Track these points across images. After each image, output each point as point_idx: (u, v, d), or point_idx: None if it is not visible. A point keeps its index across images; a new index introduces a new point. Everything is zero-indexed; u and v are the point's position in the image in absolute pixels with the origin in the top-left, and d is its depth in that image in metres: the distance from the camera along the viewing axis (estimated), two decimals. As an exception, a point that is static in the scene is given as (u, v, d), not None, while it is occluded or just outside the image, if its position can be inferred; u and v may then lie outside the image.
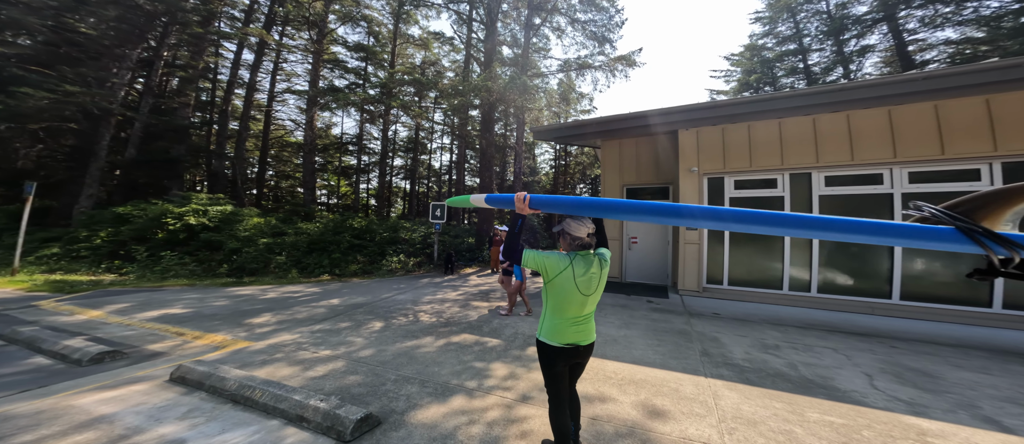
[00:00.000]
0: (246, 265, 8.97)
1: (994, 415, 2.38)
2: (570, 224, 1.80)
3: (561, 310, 1.74)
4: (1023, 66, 4.11)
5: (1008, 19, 13.31)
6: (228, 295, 6.72)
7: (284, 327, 4.65)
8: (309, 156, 14.88)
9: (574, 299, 1.71)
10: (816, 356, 3.58)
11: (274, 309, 5.62)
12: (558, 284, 1.71)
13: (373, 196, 26.23)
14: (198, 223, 9.71)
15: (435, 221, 10.70)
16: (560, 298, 1.73)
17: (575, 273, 1.71)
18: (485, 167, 12.27)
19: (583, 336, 1.78)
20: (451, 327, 4.71)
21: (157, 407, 2.56)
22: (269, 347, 3.86)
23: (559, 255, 1.77)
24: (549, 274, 1.72)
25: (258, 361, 3.44)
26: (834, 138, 5.39)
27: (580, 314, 1.76)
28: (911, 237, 1.14)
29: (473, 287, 7.93)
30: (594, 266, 1.77)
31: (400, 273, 9.83)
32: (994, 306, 4.82)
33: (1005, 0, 13.39)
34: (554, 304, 1.76)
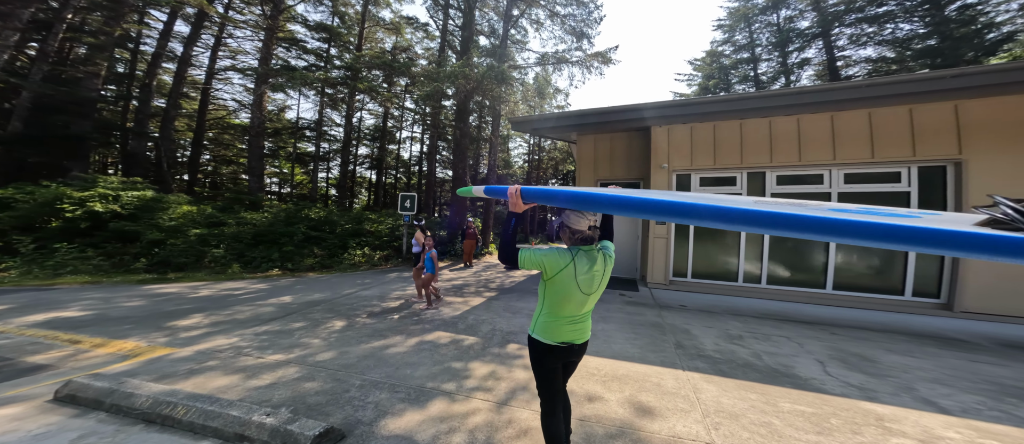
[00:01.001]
0: (172, 259, 7.92)
1: (930, 397, 2.66)
2: (570, 216, 1.67)
3: (558, 308, 1.64)
4: (945, 78, 4.64)
5: (916, 42, 15.32)
6: (146, 294, 5.88)
7: (220, 329, 4.12)
8: (256, 140, 13.44)
9: (574, 298, 1.61)
10: (774, 345, 3.83)
11: (207, 309, 4.99)
12: (558, 282, 1.60)
13: (334, 186, 24.62)
14: (107, 210, 8.30)
15: (404, 213, 10.19)
16: (558, 296, 1.62)
17: (577, 270, 1.59)
18: (459, 158, 11.88)
19: (579, 334, 1.69)
20: (424, 324, 4.46)
21: (33, 435, 2.07)
22: (199, 354, 3.37)
23: (559, 251, 1.63)
24: (548, 272, 1.61)
25: (183, 371, 2.98)
26: (785, 139, 5.80)
27: (578, 312, 1.66)
28: (984, 250, 0.79)
29: (446, 281, 7.65)
30: (598, 263, 1.65)
31: (365, 267, 9.25)
32: (905, 294, 5.50)
33: (914, 24, 15.36)
34: (551, 302, 1.65)
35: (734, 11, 22.11)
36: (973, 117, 4.82)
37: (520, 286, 7.11)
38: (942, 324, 4.77)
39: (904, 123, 5.20)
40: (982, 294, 4.95)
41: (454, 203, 12.07)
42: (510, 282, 7.61)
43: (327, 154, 23.79)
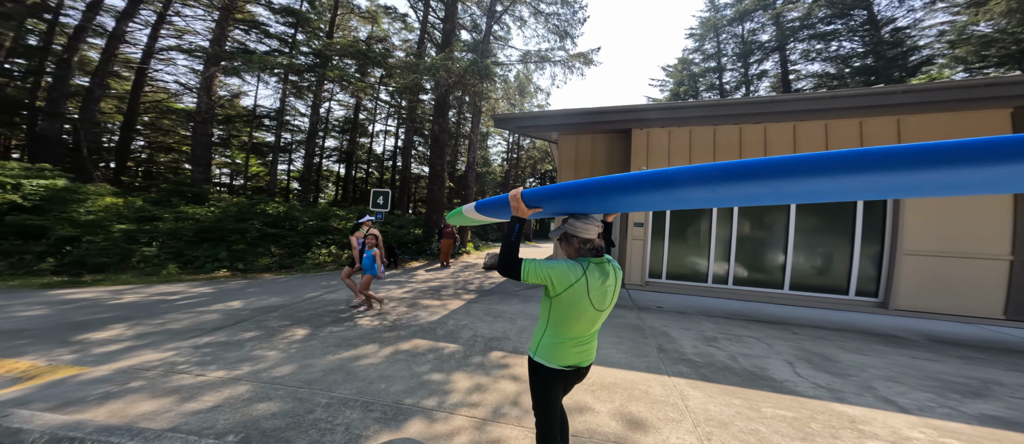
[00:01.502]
0: (88, 259, 6.93)
1: (888, 395, 2.86)
2: (575, 224, 1.50)
3: (565, 327, 1.45)
4: (896, 93, 5.05)
5: (855, 60, 16.98)
6: (51, 300, 5.10)
7: (148, 342, 3.62)
8: (203, 127, 12.15)
9: (586, 316, 1.43)
10: (747, 346, 3.99)
11: (133, 318, 4.39)
12: (568, 299, 1.41)
13: (296, 179, 23.03)
14: (3, 201, 7.17)
15: (377, 209, 9.66)
16: (567, 314, 1.43)
17: (590, 285, 1.40)
18: (437, 154, 11.45)
19: (586, 356, 1.53)
20: (399, 332, 4.19)
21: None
22: (119, 373, 2.91)
23: (568, 263, 1.44)
24: (557, 287, 1.41)
25: (95, 396, 2.53)
26: (753, 147, 6.11)
27: (587, 332, 1.49)
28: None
29: (421, 283, 7.32)
30: (611, 277, 1.48)
31: (331, 268, 8.65)
32: (850, 293, 6.00)
33: (854, 43, 17.01)
34: (557, 320, 1.46)
35: (705, 21, 23.32)
36: (910, 131, 5.32)
37: (500, 288, 6.97)
38: (881, 321, 5.24)
39: (855, 135, 5.63)
40: (912, 294, 5.50)
41: (430, 200, 11.67)
42: (490, 284, 7.45)
43: (289, 145, 22.20)
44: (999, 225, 4.99)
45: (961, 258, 5.22)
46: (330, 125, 22.77)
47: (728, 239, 6.48)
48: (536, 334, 1.57)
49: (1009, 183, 0.89)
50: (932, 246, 5.31)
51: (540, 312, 1.58)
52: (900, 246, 5.43)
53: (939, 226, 5.23)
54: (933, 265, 5.35)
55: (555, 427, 1.57)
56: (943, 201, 5.22)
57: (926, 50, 15.45)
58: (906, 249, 5.42)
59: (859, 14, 15.67)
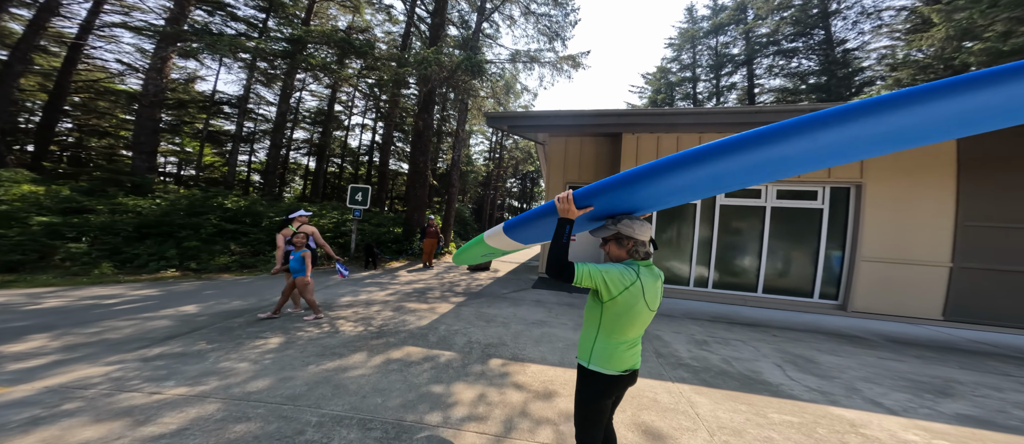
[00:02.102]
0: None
1: (873, 397, 3.03)
2: (632, 225, 1.45)
3: (620, 331, 1.41)
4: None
5: (810, 77, 18.51)
6: None
7: (83, 355, 3.14)
8: (149, 110, 10.87)
9: (641, 318, 1.41)
10: (735, 350, 4.12)
11: (58, 326, 3.81)
12: (624, 302, 1.37)
13: (259, 171, 21.38)
14: None
15: (354, 206, 9.09)
16: (622, 318, 1.39)
17: (644, 287, 1.38)
18: (420, 151, 10.99)
19: (638, 358, 1.51)
20: (387, 338, 3.90)
21: None
22: (48, 392, 2.48)
23: (621, 267, 1.41)
24: (612, 291, 1.36)
25: (20, 421, 2.12)
26: None
27: (639, 334, 1.48)
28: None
29: (405, 285, 6.95)
30: (661, 278, 1.50)
31: None
32: (814, 296, 6.44)
33: (812, 61, 18.53)
34: (611, 325, 1.41)
35: (684, 31, 24.44)
36: None
37: (488, 291, 6.78)
38: (841, 322, 5.66)
39: None
40: (866, 296, 5.99)
41: (412, 198, 11.21)
42: (476, 286, 7.23)
43: (252, 135, 20.56)
44: (941, 236, 5.55)
45: (909, 264, 5.76)
46: (300, 116, 21.39)
47: (709, 245, 6.73)
48: (585, 342, 1.50)
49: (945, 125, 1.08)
50: (885, 253, 5.81)
51: (586, 319, 1.52)
52: (859, 252, 5.90)
53: (893, 235, 5.74)
54: (885, 270, 5.86)
55: (598, 441, 1.50)
56: (896, 213, 5.72)
57: (869, 72, 17.15)
58: (864, 255, 5.89)
59: (818, 33, 17.14)
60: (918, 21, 12.21)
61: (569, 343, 4.08)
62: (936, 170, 5.46)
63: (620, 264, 1.43)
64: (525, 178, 36.84)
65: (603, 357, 1.42)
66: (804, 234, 6.29)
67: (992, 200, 5.27)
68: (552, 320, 4.95)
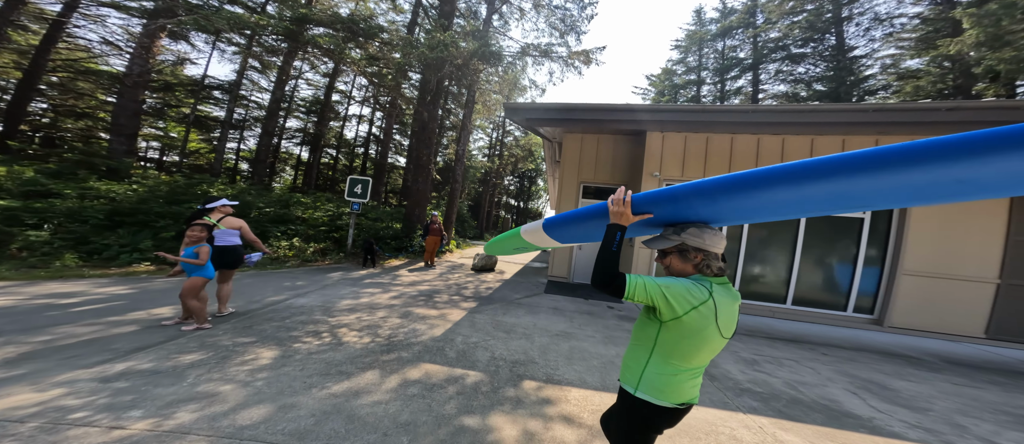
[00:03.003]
0: None
1: (986, 435, 2.59)
2: (699, 234, 1.21)
3: (680, 357, 1.16)
4: (940, 111, 5.06)
5: (817, 84, 18.43)
6: None
7: (25, 373, 2.49)
8: (132, 91, 10.08)
9: (710, 344, 1.15)
10: (793, 371, 3.66)
11: (2, 332, 3.12)
12: (690, 324, 1.12)
13: (248, 160, 20.50)
14: None
15: (353, 199, 8.44)
16: (685, 342, 1.14)
17: (718, 310, 1.12)
18: (424, 144, 10.40)
19: (697, 389, 1.24)
20: (399, 352, 3.33)
21: None
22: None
23: (689, 283, 1.16)
24: (676, 310, 1.11)
25: None
26: (769, 158, 5.97)
27: (705, 364, 1.23)
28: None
29: (409, 286, 6.34)
30: (738, 301, 1.21)
31: (293, 263, 7.32)
32: (848, 310, 6.06)
33: (820, 68, 18.41)
34: (670, 349, 1.16)
35: (692, 34, 24.24)
36: None
37: (499, 295, 6.21)
38: (883, 339, 5.27)
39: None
40: (906, 312, 5.63)
41: (414, 192, 10.59)
42: (485, 289, 6.66)
43: (243, 121, 19.68)
44: (991, 251, 5.22)
45: (953, 280, 5.41)
46: (295, 105, 20.59)
47: (736, 252, 6.32)
48: (634, 365, 1.24)
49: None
50: (929, 267, 5.46)
51: (636, 337, 1.28)
52: (901, 265, 5.53)
53: (938, 248, 5.38)
54: (927, 285, 5.51)
55: None
56: (944, 225, 5.36)
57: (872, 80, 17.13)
58: (906, 269, 5.53)
59: (829, 39, 17.03)
60: (930, 30, 12.11)
61: (605, 361, 3.57)
62: None
63: (686, 280, 1.18)
64: (523, 176, 36.40)
65: (655, 385, 1.18)
66: (841, 244, 5.91)
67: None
68: (577, 332, 4.44)
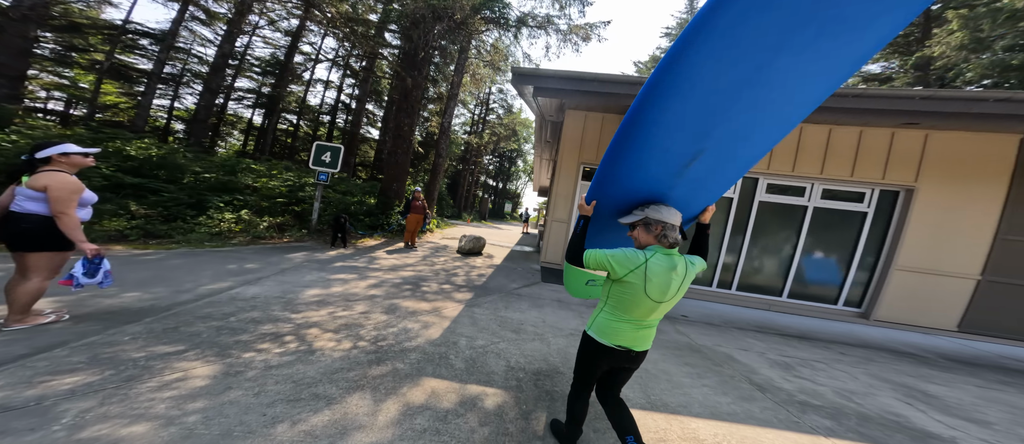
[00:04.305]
0: None
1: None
2: (657, 209, 1.51)
3: (623, 309, 1.49)
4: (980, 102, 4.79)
5: None
6: None
7: None
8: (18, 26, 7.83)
9: (642, 302, 1.44)
10: (832, 376, 3.40)
11: None
12: (626, 285, 1.45)
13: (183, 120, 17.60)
14: None
15: (319, 169, 7.17)
16: (625, 298, 1.47)
17: (648, 274, 1.41)
18: (405, 113, 9.17)
19: (640, 341, 1.53)
20: (393, 363, 2.55)
21: None
22: None
23: (630, 251, 1.48)
24: (618, 271, 1.45)
25: None
26: (786, 148, 5.69)
27: (645, 319, 1.50)
28: None
29: (390, 272, 5.40)
30: (679, 267, 1.44)
31: (240, 239, 6.02)
32: (838, 303, 6.10)
33: None
34: (615, 302, 1.52)
35: (682, 22, 23.93)
36: (933, 148, 5.31)
37: (493, 284, 5.49)
38: (877, 333, 5.31)
39: (884, 145, 5.44)
40: (891, 306, 5.73)
41: (393, 166, 9.39)
42: (478, 276, 5.90)
43: (178, 76, 16.78)
44: (979, 248, 5.36)
45: (938, 276, 5.54)
46: (248, 63, 17.89)
47: (739, 245, 6.11)
48: (595, 312, 1.63)
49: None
50: (921, 263, 5.54)
51: (601, 292, 1.64)
52: (896, 261, 5.57)
53: (932, 244, 5.45)
54: (915, 280, 5.61)
55: (587, 398, 1.70)
56: (943, 221, 5.37)
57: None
58: (900, 264, 5.58)
59: None
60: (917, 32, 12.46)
61: (639, 372, 3.04)
62: (990, 178, 5.17)
63: (631, 248, 1.49)
64: (503, 157, 35.40)
65: (601, 328, 1.55)
66: (842, 238, 5.86)
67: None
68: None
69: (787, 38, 1.02)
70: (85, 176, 5.49)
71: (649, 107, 1.22)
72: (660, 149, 1.40)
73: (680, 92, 1.17)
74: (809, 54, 1.08)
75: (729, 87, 1.17)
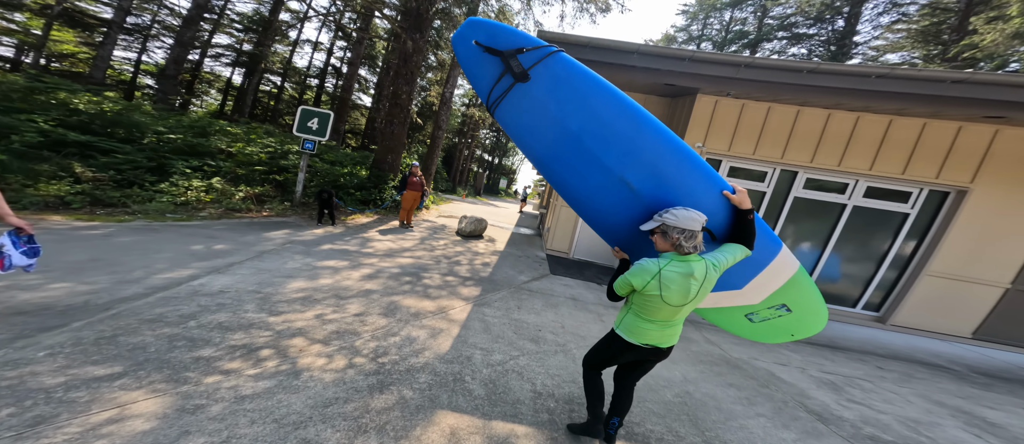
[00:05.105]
0: None
1: None
2: (674, 215, 1.49)
3: (646, 313, 1.58)
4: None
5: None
6: None
7: None
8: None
9: (661, 308, 1.52)
10: (884, 398, 3.08)
11: None
12: (646, 292, 1.52)
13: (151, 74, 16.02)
14: None
15: (305, 136, 6.34)
16: (646, 304, 1.56)
17: (663, 283, 1.47)
18: (404, 80, 8.27)
19: (667, 338, 1.63)
20: (398, 387, 2.05)
21: None
22: None
23: (644, 265, 1.53)
24: (636, 285, 1.54)
25: None
26: (835, 139, 5.07)
27: (670, 319, 1.58)
28: None
29: (386, 257, 4.80)
30: (697, 271, 1.47)
31: (211, 212, 5.27)
32: (857, 307, 5.83)
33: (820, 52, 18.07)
34: (638, 307, 1.61)
35: (702, 1, 22.46)
36: (1001, 145, 4.74)
37: (501, 275, 4.94)
38: (899, 341, 5.08)
39: (947, 141, 4.85)
40: (913, 312, 5.49)
41: (389, 136, 8.55)
42: (481, 264, 5.36)
43: (146, 27, 15.13)
44: (1016, 255, 5.05)
45: (966, 282, 5.27)
46: (228, 18, 16.20)
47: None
48: (621, 312, 1.73)
49: None
50: (953, 269, 5.23)
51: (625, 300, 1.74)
52: (929, 265, 5.27)
53: (970, 249, 5.12)
54: (942, 286, 5.34)
55: (599, 369, 1.86)
56: (989, 226, 4.95)
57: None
58: (932, 270, 5.28)
59: (837, 22, 16.53)
60: (935, 21, 11.78)
61: (679, 390, 2.62)
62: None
63: (645, 263, 1.53)
64: (500, 131, 34.30)
65: (628, 327, 1.65)
66: (876, 239, 5.50)
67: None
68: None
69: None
70: (15, 129, 4.59)
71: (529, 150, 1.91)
72: (584, 181, 1.80)
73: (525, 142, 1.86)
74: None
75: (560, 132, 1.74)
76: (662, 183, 1.65)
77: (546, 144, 1.77)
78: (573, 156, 1.72)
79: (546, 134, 1.73)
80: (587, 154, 1.69)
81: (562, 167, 1.80)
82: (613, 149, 1.64)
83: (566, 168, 1.78)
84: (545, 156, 1.83)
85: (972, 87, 3.75)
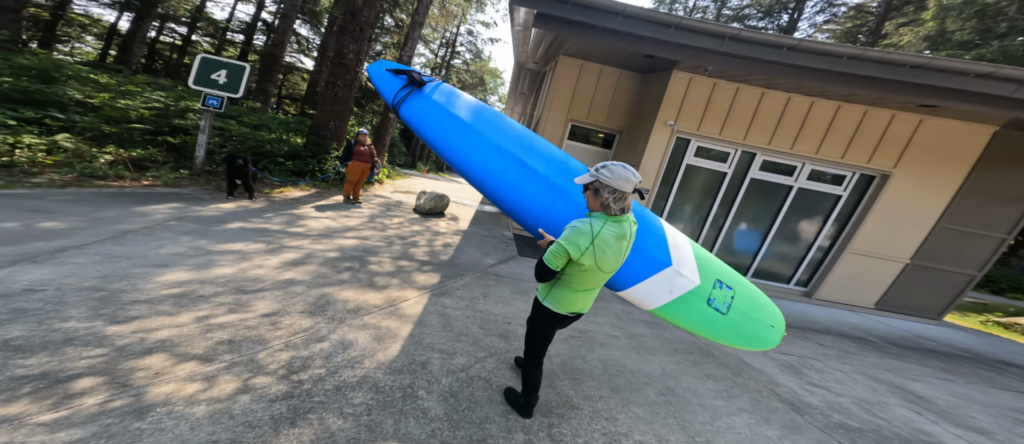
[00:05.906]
0: None
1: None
2: (610, 172, 1.38)
3: (577, 282, 1.52)
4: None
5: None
6: None
7: None
8: None
9: (596, 277, 1.50)
10: (835, 379, 3.18)
11: None
12: (582, 262, 1.42)
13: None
14: None
15: (207, 90, 4.88)
16: (581, 276, 1.49)
17: (598, 248, 1.40)
18: (351, 37, 6.88)
19: (589, 302, 1.65)
20: (320, 413, 1.46)
21: None
22: None
23: (579, 231, 1.40)
24: (572, 254, 1.42)
25: None
26: (791, 122, 5.15)
27: (601, 284, 1.60)
28: None
29: (322, 237, 3.92)
30: (628, 232, 1.47)
31: (56, 178, 3.84)
32: (791, 283, 6.31)
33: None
34: (571, 277, 1.52)
35: None
36: (923, 134, 5.17)
37: (464, 257, 4.37)
38: (823, 314, 5.58)
39: (881, 128, 5.19)
40: (832, 286, 6.08)
41: (331, 100, 7.11)
42: (442, 244, 4.71)
43: None
44: (918, 234, 5.71)
45: (876, 258, 5.90)
46: None
47: (722, 222, 5.83)
48: (547, 284, 1.62)
49: None
50: (870, 246, 5.80)
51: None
52: (851, 244, 5.77)
53: (886, 229, 5.67)
54: (860, 263, 5.93)
55: (542, 358, 1.76)
56: (905, 207, 5.50)
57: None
58: (854, 247, 5.80)
59: (782, 18, 17.50)
60: (857, 24, 12.97)
61: (663, 394, 2.40)
62: (954, 168, 5.30)
63: (579, 230, 1.40)
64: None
65: (556, 298, 1.58)
66: (812, 219, 5.88)
67: (981, 204, 5.43)
68: (593, 329, 3.18)
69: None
70: None
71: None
72: (485, 161, 2.14)
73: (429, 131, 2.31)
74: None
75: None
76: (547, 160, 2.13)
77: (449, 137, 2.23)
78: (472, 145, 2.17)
79: (443, 124, 2.23)
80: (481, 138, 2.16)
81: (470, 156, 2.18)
82: (500, 133, 2.18)
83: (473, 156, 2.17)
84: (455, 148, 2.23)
85: (926, 73, 3.89)
